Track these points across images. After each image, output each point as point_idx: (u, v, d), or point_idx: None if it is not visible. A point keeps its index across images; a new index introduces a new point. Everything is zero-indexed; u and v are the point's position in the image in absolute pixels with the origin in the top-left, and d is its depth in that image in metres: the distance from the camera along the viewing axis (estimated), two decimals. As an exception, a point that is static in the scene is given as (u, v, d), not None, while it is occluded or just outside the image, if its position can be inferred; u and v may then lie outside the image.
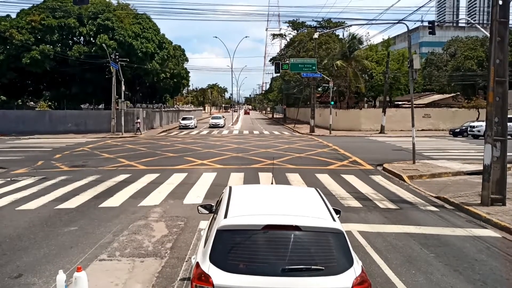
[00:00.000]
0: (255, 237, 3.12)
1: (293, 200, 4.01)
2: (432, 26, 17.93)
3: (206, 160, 16.21)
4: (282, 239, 3.13)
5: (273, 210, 3.59)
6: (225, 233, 3.15)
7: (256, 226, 3.14)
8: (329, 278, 2.94)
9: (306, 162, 15.82)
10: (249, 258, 3.05)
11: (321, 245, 3.16)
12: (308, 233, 3.15)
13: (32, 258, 5.73)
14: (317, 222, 3.27)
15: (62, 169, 14.15)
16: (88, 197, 9.55)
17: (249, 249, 3.11)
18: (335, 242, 3.15)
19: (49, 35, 32.34)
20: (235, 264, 3.01)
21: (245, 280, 2.91)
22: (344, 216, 8.08)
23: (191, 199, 9.33)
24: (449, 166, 14.55)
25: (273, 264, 2.99)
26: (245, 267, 2.99)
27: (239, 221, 3.25)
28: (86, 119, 35.16)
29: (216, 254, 3.06)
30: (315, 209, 3.61)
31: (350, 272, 3.01)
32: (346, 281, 2.94)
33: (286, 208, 3.66)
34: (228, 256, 3.06)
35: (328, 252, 3.13)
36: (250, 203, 3.79)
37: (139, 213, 8.14)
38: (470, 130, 27.20)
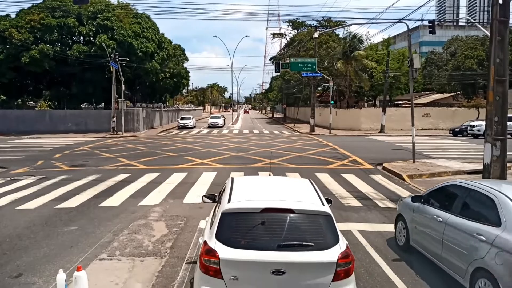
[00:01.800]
0: (255, 219, 3.60)
1: (288, 188, 4.56)
2: (433, 25, 17.91)
3: (206, 159, 16.21)
4: (278, 220, 3.65)
5: (271, 196, 4.08)
6: (228, 216, 3.65)
7: (255, 209, 3.65)
8: (318, 253, 3.47)
9: (306, 162, 15.82)
10: (250, 236, 3.54)
11: (311, 225, 3.68)
12: (300, 215, 3.67)
13: (32, 257, 5.73)
14: (308, 206, 3.80)
15: (62, 169, 14.15)
16: (88, 197, 9.55)
17: (250, 229, 3.59)
18: (323, 223, 3.66)
19: (49, 34, 32.35)
20: (237, 241, 3.49)
21: (246, 254, 3.40)
22: (344, 215, 8.10)
23: (191, 199, 9.33)
24: (449, 165, 14.55)
25: (270, 241, 3.50)
26: (246, 243, 3.48)
27: (241, 205, 3.77)
28: (86, 118, 35.15)
29: (221, 233, 3.55)
30: (307, 196, 4.10)
31: (336, 248, 3.53)
32: (332, 255, 3.47)
33: (282, 195, 4.17)
34: (232, 234, 3.54)
35: (318, 231, 3.64)
36: (250, 191, 4.32)
37: (139, 212, 8.14)
38: (470, 129, 27.21)
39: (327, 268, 3.46)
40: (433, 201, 5.65)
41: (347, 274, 3.51)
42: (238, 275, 3.42)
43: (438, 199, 5.63)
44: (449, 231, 4.94)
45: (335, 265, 3.44)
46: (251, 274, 3.44)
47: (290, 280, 3.41)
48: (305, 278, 3.44)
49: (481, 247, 4.29)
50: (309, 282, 3.44)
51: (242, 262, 3.41)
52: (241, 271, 3.43)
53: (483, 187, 4.88)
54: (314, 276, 3.46)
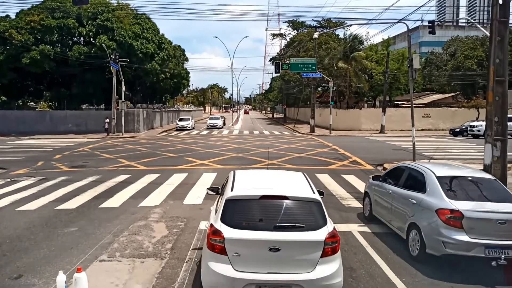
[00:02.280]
0: (254, 204, 4.22)
1: (284, 179, 5.19)
2: (432, 25, 17.92)
3: (206, 160, 16.20)
4: (274, 205, 4.23)
5: (268, 185, 4.64)
6: (232, 202, 4.23)
7: (255, 196, 4.26)
8: (309, 233, 4.04)
9: (306, 162, 15.81)
10: (250, 218, 4.14)
11: (303, 209, 4.26)
12: (293, 201, 4.26)
13: (32, 259, 5.73)
14: (301, 193, 4.40)
15: (62, 170, 14.14)
16: (88, 198, 9.55)
17: (250, 212, 4.18)
18: (313, 208, 4.26)
19: (49, 35, 32.36)
20: (239, 223, 4.07)
21: (247, 234, 3.97)
22: (345, 216, 8.09)
23: (191, 200, 9.33)
24: (449, 165, 14.54)
25: (267, 222, 4.09)
26: (247, 224, 4.07)
27: (242, 192, 4.37)
28: (87, 119, 35.15)
29: (225, 217, 4.14)
30: (300, 186, 4.70)
31: (324, 229, 4.11)
32: (321, 235, 4.04)
33: (278, 185, 4.74)
34: (234, 217, 4.11)
35: (308, 215, 4.22)
36: (250, 181, 4.91)
37: (139, 213, 8.13)
38: (470, 129, 27.20)
39: (316, 246, 4.02)
40: (388, 178, 7.29)
41: (333, 251, 4.09)
42: (240, 252, 3.97)
43: (390, 177, 7.28)
44: (395, 199, 6.62)
45: (323, 243, 4.02)
46: (251, 250, 3.99)
47: (284, 256, 3.95)
48: (297, 254, 4.01)
49: (413, 208, 6.01)
50: (301, 258, 4.00)
51: (244, 240, 3.98)
52: (243, 248, 3.98)
53: (419, 166, 6.66)
54: (305, 253, 4.02)
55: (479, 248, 5.14)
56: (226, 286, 3.97)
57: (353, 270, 5.42)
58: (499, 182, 6.25)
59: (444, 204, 5.49)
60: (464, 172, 6.43)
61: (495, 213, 5.28)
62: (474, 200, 5.53)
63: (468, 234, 5.22)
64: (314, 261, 4.00)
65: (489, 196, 5.67)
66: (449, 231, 5.29)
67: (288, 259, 3.98)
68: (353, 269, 5.45)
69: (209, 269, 4.02)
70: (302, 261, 3.99)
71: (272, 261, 3.96)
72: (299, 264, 4.00)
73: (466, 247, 5.18)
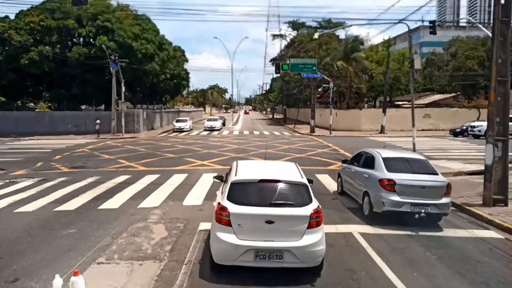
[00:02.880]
0: (254, 186, 5.17)
1: (278, 167, 6.29)
2: (433, 26, 17.87)
3: (206, 160, 16.14)
4: (269, 187, 5.17)
5: (265, 172, 5.66)
6: (235, 184, 5.19)
7: (254, 180, 5.26)
8: (297, 209, 4.97)
9: (306, 163, 15.74)
10: (250, 197, 5.06)
11: (293, 190, 5.19)
12: (285, 184, 5.22)
13: (30, 261, 5.66)
14: (291, 178, 5.38)
15: (62, 171, 14.09)
16: (87, 199, 9.49)
17: (250, 192, 5.11)
18: (301, 189, 5.22)
19: (48, 36, 32.37)
20: (241, 200, 5.00)
21: (247, 209, 4.91)
22: (345, 217, 8.03)
23: (191, 201, 9.26)
24: (450, 166, 14.48)
25: (264, 200, 5.00)
26: (248, 202, 4.99)
27: (244, 177, 5.35)
28: (86, 120, 35.06)
29: (230, 196, 5.08)
30: (291, 172, 5.66)
31: (310, 206, 5.05)
32: (307, 211, 4.98)
33: (273, 171, 5.76)
34: (238, 196, 5.05)
35: (297, 195, 5.14)
36: (250, 169, 5.92)
37: (139, 215, 8.07)
38: (471, 130, 27.13)
39: (303, 219, 4.92)
40: (353, 161, 9.49)
41: (317, 224, 4.99)
42: (242, 224, 4.89)
43: (354, 160, 9.43)
44: (356, 176, 8.85)
45: (309, 217, 4.93)
46: (251, 223, 4.90)
47: (277, 227, 4.87)
48: (288, 225, 4.92)
49: (366, 180, 8.20)
50: (291, 229, 4.91)
51: (245, 214, 4.91)
52: (244, 221, 4.89)
53: (372, 150, 8.83)
54: (294, 225, 4.92)
55: (407, 205, 7.29)
56: (230, 251, 4.86)
57: (354, 272, 5.35)
58: (426, 160, 8.38)
59: (384, 175, 7.63)
60: (403, 154, 9.07)
61: (418, 181, 7.41)
62: (405, 173, 7.65)
63: (399, 195, 7.34)
64: (301, 231, 4.91)
65: (417, 170, 7.76)
66: (386, 194, 7.42)
67: (280, 230, 4.90)
68: (354, 271, 5.39)
69: (217, 238, 4.94)
70: (292, 231, 4.91)
71: (267, 231, 4.87)
72: (289, 234, 4.90)
73: (398, 205, 7.33)
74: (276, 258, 4.85)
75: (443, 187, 7.45)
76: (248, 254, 4.81)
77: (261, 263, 4.89)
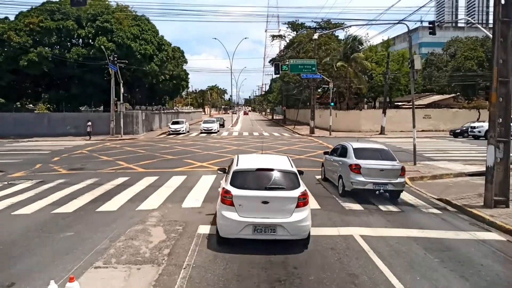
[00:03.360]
0: (252, 174, 6.27)
1: (273, 160, 7.50)
2: (433, 26, 17.81)
3: (205, 162, 16.05)
4: (265, 174, 6.28)
5: (261, 163, 6.82)
6: (237, 173, 6.27)
7: (252, 169, 6.38)
8: (287, 191, 6.02)
9: (306, 164, 15.65)
10: (249, 182, 6.13)
11: (284, 177, 6.26)
12: (278, 172, 6.32)
13: (26, 265, 5.57)
14: (283, 167, 6.48)
15: (60, 172, 14.00)
16: (85, 201, 9.40)
17: (249, 179, 6.18)
18: (291, 176, 6.30)
19: (47, 37, 32.24)
20: (242, 185, 6.06)
21: (247, 192, 5.96)
22: (346, 219, 7.95)
23: (190, 203, 9.17)
24: (451, 167, 14.41)
25: (260, 185, 6.08)
26: (247, 186, 6.05)
27: (244, 166, 6.45)
28: (85, 121, 35.01)
29: (233, 182, 6.14)
30: (283, 163, 6.80)
31: (298, 190, 6.11)
32: (295, 193, 6.02)
33: (268, 162, 6.94)
34: (239, 182, 6.11)
35: (288, 180, 6.20)
36: (249, 160, 6.98)
37: (137, 217, 7.98)
38: (471, 130, 27.07)
39: (292, 200, 5.96)
40: (332, 153, 11.54)
41: (304, 204, 6.04)
42: (242, 204, 5.93)
43: (333, 152, 11.53)
44: (334, 163, 10.84)
45: (297, 199, 5.96)
46: (250, 203, 5.94)
47: (271, 207, 5.91)
48: (280, 205, 5.95)
49: (341, 166, 10.20)
50: (282, 208, 5.94)
51: (245, 196, 5.96)
52: (244, 202, 5.93)
53: (346, 143, 10.83)
54: (285, 204, 5.95)
55: (370, 184, 9.27)
56: (233, 226, 5.87)
57: (355, 276, 5.27)
58: (388, 150, 10.30)
59: (353, 161, 9.61)
60: (370, 146, 11.21)
61: (379, 165, 9.45)
62: (370, 159, 9.62)
63: (364, 177, 9.33)
64: (291, 210, 5.94)
65: (379, 158, 9.77)
66: (354, 176, 9.41)
67: (274, 209, 5.93)
68: (355, 275, 5.30)
69: (222, 215, 5.98)
70: (283, 210, 5.94)
71: (263, 210, 5.91)
72: (281, 212, 5.92)
73: (363, 184, 9.32)
74: (271, 231, 5.88)
75: (399, 170, 9.43)
76: (248, 228, 5.85)
77: (259, 236, 5.91)
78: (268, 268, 5.50)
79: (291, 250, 6.07)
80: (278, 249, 6.06)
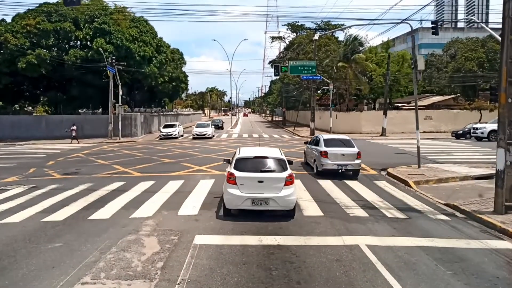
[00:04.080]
0: (250, 160, 7.93)
1: (267, 150, 9.10)
2: (435, 26, 17.46)
3: (203, 166, 15.67)
4: (261, 160, 7.96)
5: (258, 152, 8.49)
6: (239, 159, 7.96)
7: (251, 157, 8.11)
8: (277, 173, 7.71)
9: (307, 167, 15.29)
10: (248, 167, 7.76)
11: (275, 163, 7.95)
12: (270, 159, 8.02)
13: (8, 281, 5.18)
14: (274, 155, 8.22)
15: (54, 177, 13.61)
16: (77, 208, 9.01)
17: (248, 164, 7.85)
18: (281, 162, 8.00)
19: (45, 39, 31.90)
20: (243, 169, 7.72)
21: (247, 174, 7.60)
22: (350, 227, 7.55)
23: (186, 210, 8.77)
24: (456, 170, 14.02)
25: (256, 168, 7.76)
26: (247, 169, 7.70)
27: (244, 155, 8.16)
28: (83, 124, 34.61)
29: (236, 166, 7.78)
30: (275, 152, 8.61)
31: (285, 172, 7.85)
32: (284, 175, 7.74)
33: (263, 152, 8.58)
34: (240, 166, 7.77)
35: (278, 165, 7.89)
36: (248, 151, 8.66)
37: (130, 226, 7.58)
38: (473, 132, 26.63)
39: (281, 180, 7.65)
40: (310, 143, 15.05)
41: (291, 183, 7.72)
42: (243, 183, 7.61)
43: (311, 142, 15.16)
44: (312, 151, 14.28)
45: (285, 179, 7.62)
46: (249, 182, 7.62)
47: (265, 185, 7.58)
48: (272, 184, 7.62)
49: (315, 153, 13.62)
50: (273, 186, 7.60)
51: (245, 177, 7.64)
52: (244, 181, 7.61)
53: (319, 135, 14.88)
54: (276, 183, 7.63)
55: (335, 165, 12.63)
56: (236, 199, 7.65)
57: (363, 292, 4.88)
58: (350, 140, 13.58)
59: (323, 149, 12.91)
60: (337, 136, 14.96)
61: (341, 151, 12.83)
62: (335, 147, 12.96)
63: (330, 160, 12.68)
64: (280, 187, 7.67)
65: (343, 145, 13.11)
66: (324, 159, 12.75)
67: (267, 186, 7.65)
68: (363, 290, 4.91)
69: (228, 192, 7.75)
70: (274, 187, 7.66)
71: (259, 187, 7.65)
72: (273, 189, 7.65)
73: (329, 166, 12.67)
74: (265, 203, 7.67)
75: (355, 154, 12.72)
76: (247, 201, 7.66)
77: (255, 207, 7.73)
78: (269, 284, 5.11)
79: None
80: (278, 252, 5.99)
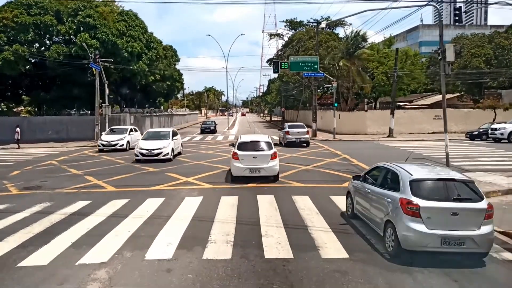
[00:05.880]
0: (248, 144, 12.72)
1: (260, 136, 13.63)
2: (459, 13, 15.23)
3: (192, 176, 13.30)
4: (255, 143, 12.74)
5: (253, 138, 13.33)
6: (240, 143, 12.78)
7: (248, 141, 12.95)
8: (266, 151, 12.40)
9: (315, 178, 12.98)
10: (247, 148, 12.55)
11: (264, 144, 12.67)
12: (262, 142, 12.76)
13: None
14: (264, 140, 12.96)
15: (10, 193, 11.24)
16: (12, 246, 6.63)
17: (246, 146, 12.61)
18: (267, 144, 12.71)
19: (23, 34, 29.34)
20: (243, 149, 12.48)
21: (245, 153, 12.31)
22: (394, 282, 5.15)
23: (157, 250, 6.33)
24: (493, 181, 11.74)
25: (252, 149, 12.49)
26: (245, 149, 12.47)
27: (244, 140, 13.04)
28: (68, 125, 32.23)
29: (238, 147, 12.59)
30: (264, 138, 13.13)
31: (271, 150, 12.54)
32: (270, 152, 12.43)
33: (257, 138, 13.33)
34: (240, 147, 12.56)
35: (266, 146, 12.59)
36: (247, 137, 13.32)
37: (71, 281, 5.20)
38: (492, 132, 24.38)
39: (268, 156, 12.13)
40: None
41: (275, 157, 12.19)
42: (243, 159, 12.07)
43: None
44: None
45: (271, 155, 12.14)
46: (246, 158, 12.06)
47: (258, 159, 12.07)
48: (262, 158, 12.11)
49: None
50: (262, 159, 12.09)
51: (244, 155, 12.12)
52: (244, 158, 12.08)
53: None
54: (265, 158, 12.10)
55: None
56: (239, 169, 11.92)
57: None
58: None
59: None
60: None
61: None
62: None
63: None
64: (267, 160, 11.93)
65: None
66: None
67: (259, 160, 11.95)
68: None
69: (233, 165, 12.12)
70: (263, 160, 11.95)
71: (254, 161, 11.93)
72: (263, 162, 11.93)
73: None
74: (258, 172, 11.85)
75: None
76: (246, 170, 11.83)
77: (252, 174, 11.83)
78: None
79: None
80: None
